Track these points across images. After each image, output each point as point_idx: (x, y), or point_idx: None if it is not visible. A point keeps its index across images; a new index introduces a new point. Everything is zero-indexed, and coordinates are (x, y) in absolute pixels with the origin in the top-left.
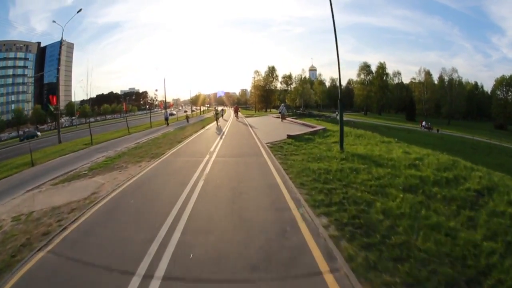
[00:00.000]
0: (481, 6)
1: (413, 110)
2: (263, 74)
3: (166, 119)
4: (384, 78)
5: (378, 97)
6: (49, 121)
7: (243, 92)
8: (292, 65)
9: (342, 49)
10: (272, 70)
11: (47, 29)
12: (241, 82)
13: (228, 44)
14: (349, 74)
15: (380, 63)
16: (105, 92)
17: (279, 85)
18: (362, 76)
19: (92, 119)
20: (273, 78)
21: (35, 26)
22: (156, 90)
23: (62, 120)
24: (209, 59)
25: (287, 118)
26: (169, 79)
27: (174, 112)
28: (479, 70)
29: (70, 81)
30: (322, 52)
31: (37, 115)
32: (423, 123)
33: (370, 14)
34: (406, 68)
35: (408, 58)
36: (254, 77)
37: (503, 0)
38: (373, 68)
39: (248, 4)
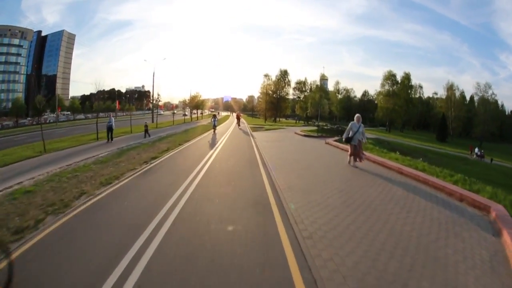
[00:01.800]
0: (491, 23)
1: (445, 129)
2: (273, 78)
3: (109, 130)
4: (409, 90)
5: (403, 111)
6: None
7: (250, 98)
8: (301, 74)
9: (351, 61)
10: (284, 74)
11: (59, 21)
12: (249, 89)
13: (237, 49)
14: (358, 87)
15: (405, 73)
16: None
17: (291, 92)
18: (387, 86)
19: (82, 116)
20: (285, 83)
21: (46, 17)
22: (143, 87)
23: (46, 116)
24: (217, 64)
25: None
26: (176, 81)
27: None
28: (475, 88)
29: (69, 73)
30: (330, 64)
31: (18, 107)
32: (476, 150)
33: (381, 28)
34: (413, 83)
35: (416, 72)
36: (264, 81)
37: None
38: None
39: (259, 11)
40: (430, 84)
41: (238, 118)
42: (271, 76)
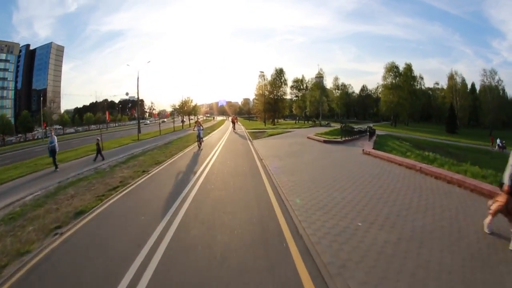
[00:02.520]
0: (481, 11)
1: (454, 120)
2: (269, 78)
3: (52, 153)
4: (412, 82)
5: (408, 104)
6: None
7: (246, 101)
8: (294, 74)
9: (344, 58)
10: (280, 73)
11: (50, 35)
12: (243, 92)
13: (230, 53)
14: (352, 83)
15: (407, 64)
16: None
17: (288, 91)
18: (390, 79)
19: (72, 130)
20: (281, 82)
21: (38, 31)
22: (127, 94)
23: (36, 131)
24: (211, 69)
25: None
26: (170, 88)
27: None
28: (481, 75)
29: (59, 86)
30: (323, 62)
31: (4, 124)
32: (498, 141)
33: (372, 23)
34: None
35: None
36: (259, 81)
37: (503, 3)
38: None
39: (251, 14)
40: (424, 75)
41: (233, 122)
42: (267, 75)
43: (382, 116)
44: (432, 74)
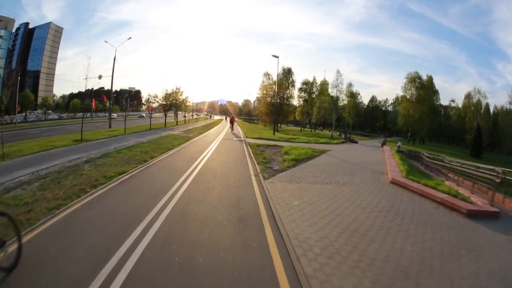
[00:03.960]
0: (489, 32)
1: (480, 144)
2: (274, 78)
3: None
4: (433, 96)
5: (429, 120)
6: None
7: (246, 102)
8: (298, 80)
9: (348, 68)
10: (288, 73)
11: (58, 18)
12: (245, 93)
13: (234, 54)
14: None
15: (428, 77)
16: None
17: (296, 94)
18: (413, 90)
19: (55, 116)
20: (288, 83)
21: (46, 14)
22: (100, 77)
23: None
24: (214, 67)
25: None
26: (172, 83)
27: None
28: (482, 97)
29: (54, 69)
30: (327, 70)
31: None
32: None
33: (378, 35)
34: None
35: None
36: (263, 81)
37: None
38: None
39: (258, 16)
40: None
41: (232, 122)
42: (272, 75)
43: (393, 130)
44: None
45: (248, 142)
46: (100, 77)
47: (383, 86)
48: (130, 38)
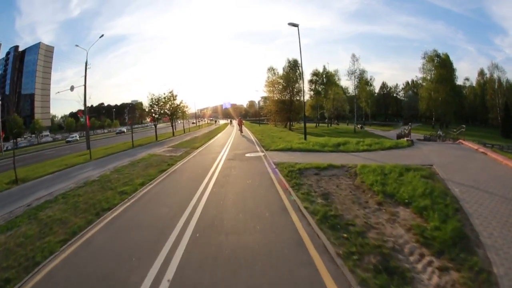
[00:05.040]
0: (483, 8)
1: (510, 123)
2: (280, 73)
3: None
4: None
5: (455, 102)
6: None
7: (251, 103)
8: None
9: (348, 59)
10: (294, 65)
11: (54, 40)
12: (249, 94)
13: (234, 56)
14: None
15: (444, 54)
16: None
17: (306, 87)
18: (433, 70)
19: (50, 138)
20: (296, 77)
21: (41, 37)
22: (72, 89)
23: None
24: (214, 72)
25: None
26: (177, 91)
27: None
28: (501, 72)
29: (49, 90)
30: (329, 63)
31: None
32: None
33: (375, 23)
34: (410, 75)
35: (412, 65)
36: (268, 77)
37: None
38: None
39: (255, 17)
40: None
41: (240, 124)
42: (277, 69)
43: (407, 116)
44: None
45: (275, 160)
46: (72, 88)
47: (385, 73)
48: (102, 36)
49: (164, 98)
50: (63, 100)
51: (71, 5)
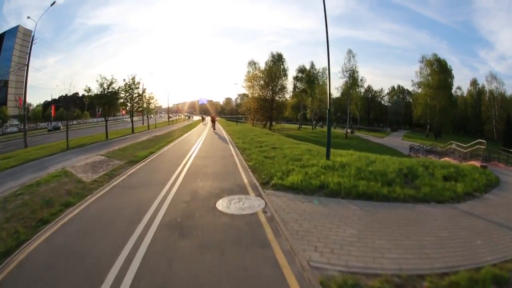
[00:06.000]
0: (470, 21)
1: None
2: (262, 67)
3: None
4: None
5: (453, 109)
6: None
7: (228, 101)
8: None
9: (326, 63)
10: (278, 60)
11: (39, 26)
12: (226, 92)
13: (214, 53)
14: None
15: (443, 60)
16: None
17: (289, 85)
18: (433, 75)
19: (15, 129)
20: (280, 72)
21: (27, 22)
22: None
23: None
24: (194, 67)
25: None
26: (154, 85)
27: None
28: (465, 84)
29: (24, 76)
30: (308, 65)
31: None
32: None
33: (359, 28)
34: (390, 81)
35: (394, 72)
36: (249, 72)
37: (493, 14)
38: None
39: (237, 14)
40: (406, 82)
41: (213, 121)
42: (259, 63)
43: (393, 122)
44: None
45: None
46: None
47: (366, 78)
48: (54, 3)
49: (126, 85)
50: (43, 88)
51: None
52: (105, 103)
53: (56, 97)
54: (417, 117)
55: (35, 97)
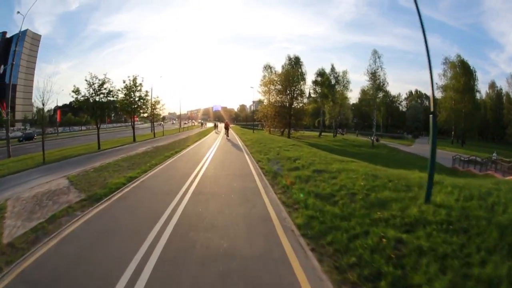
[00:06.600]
0: (480, 23)
1: None
2: (279, 70)
3: None
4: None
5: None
6: None
7: (242, 107)
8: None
9: (341, 68)
10: (296, 63)
11: (51, 32)
12: (240, 98)
13: (228, 60)
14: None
15: (466, 62)
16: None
17: (307, 89)
18: (458, 78)
19: (19, 134)
20: (298, 76)
21: (39, 28)
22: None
23: None
24: (208, 74)
25: None
26: (168, 91)
27: None
28: (481, 87)
29: (32, 80)
30: (328, 69)
31: None
32: None
33: (370, 33)
34: (403, 87)
35: (406, 77)
36: (265, 76)
37: (503, 16)
38: None
39: (250, 21)
40: (420, 87)
41: (226, 128)
42: (274, 67)
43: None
44: (429, 86)
45: None
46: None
47: (387, 82)
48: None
49: (126, 87)
50: (56, 93)
51: None
52: (96, 107)
53: (68, 102)
54: (441, 123)
55: (49, 102)
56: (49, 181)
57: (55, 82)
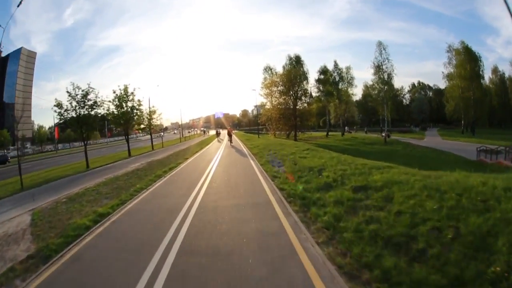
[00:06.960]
0: (474, 9)
1: None
2: (279, 71)
3: None
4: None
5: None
6: None
7: (244, 112)
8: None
9: (340, 65)
10: (297, 62)
11: (48, 50)
12: (242, 104)
13: (228, 66)
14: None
15: (468, 48)
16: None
17: (310, 88)
18: (464, 65)
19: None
20: (300, 76)
21: (35, 46)
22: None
23: None
24: (208, 82)
25: None
26: (168, 103)
27: None
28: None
29: (30, 98)
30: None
31: None
32: None
33: (366, 29)
34: (403, 80)
35: (404, 70)
36: (266, 78)
37: (495, 0)
38: None
39: (246, 27)
40: (419, 79)
41: (229, 135)
42: (275, 68)
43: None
44: (428, 77)
45: None
46: None
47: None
48: (20, 3)
49: (117, 97)
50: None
51: (65, 15)
52: (81, 121)
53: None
54: (450, 113)
55: (48, 120)
56: (12, 218)
57: (55, 99)
